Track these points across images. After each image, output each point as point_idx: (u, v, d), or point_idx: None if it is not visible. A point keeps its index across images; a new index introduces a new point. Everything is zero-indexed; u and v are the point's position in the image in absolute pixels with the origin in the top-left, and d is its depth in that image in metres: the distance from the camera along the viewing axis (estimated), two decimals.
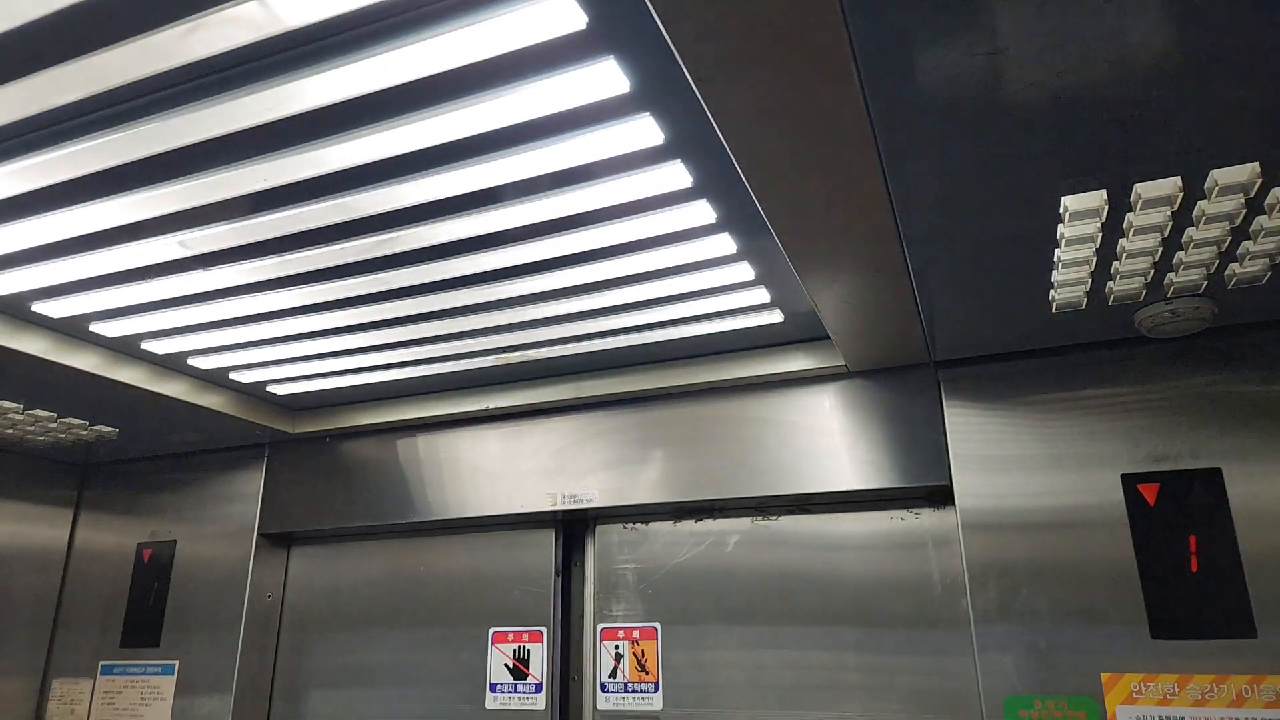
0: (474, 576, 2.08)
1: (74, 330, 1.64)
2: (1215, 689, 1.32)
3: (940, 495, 1.73)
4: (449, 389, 2.04)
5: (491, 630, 2.01)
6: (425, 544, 2.16)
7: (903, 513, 1.76)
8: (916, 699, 1.65)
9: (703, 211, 1.21)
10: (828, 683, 1.72)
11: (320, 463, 2.23)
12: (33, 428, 2.10)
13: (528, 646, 1.96)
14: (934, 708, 1.63)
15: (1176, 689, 1.34)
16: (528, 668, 1.95)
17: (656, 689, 1.85)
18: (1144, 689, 1.35)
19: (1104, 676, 1.38)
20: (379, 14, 0.86)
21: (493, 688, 1.97)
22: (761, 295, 1.50)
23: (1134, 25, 0.76)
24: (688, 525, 1.93)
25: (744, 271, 1.40)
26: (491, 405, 2.00)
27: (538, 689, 1.92)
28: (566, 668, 1.96)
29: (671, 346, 1.75)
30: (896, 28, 0.77)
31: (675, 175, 1.12)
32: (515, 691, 1.94)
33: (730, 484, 1.78)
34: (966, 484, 1.56)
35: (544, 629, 1.96)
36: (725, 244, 1.31)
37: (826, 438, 1.73)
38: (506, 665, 1.97)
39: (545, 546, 2.02)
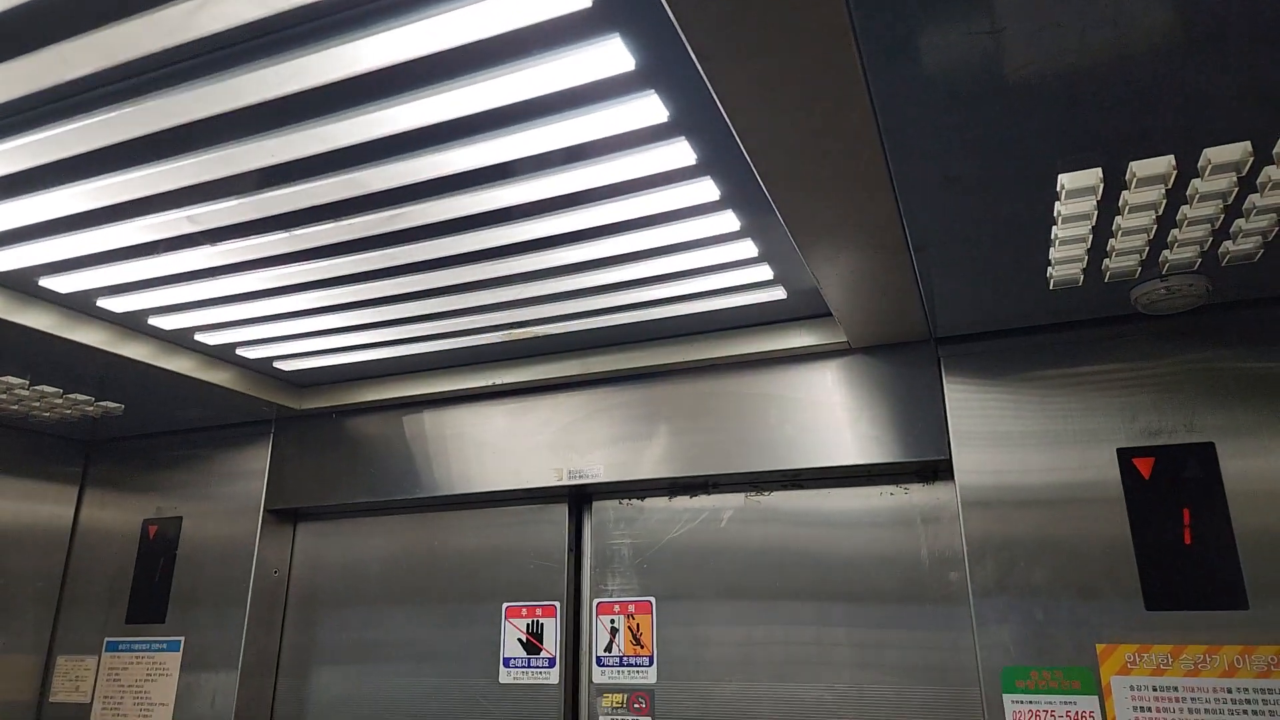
0: (487, 552, 2.09)
1: (81, 305, 1.65)
2: (1208, 659, 1.34)
3: (930, 471, 1.75)
4: (455, 365, 2.05)
5: (505, 605, 2.02)
6: (436, 519, 2.17)
7: (893, 488, 1.78)
8: (905, 672, 1.67)
9: (707, 189, 1.22)
10: (818, 657, 1.74)
11: (327, 439, 2.24)
12: (38, 404, 2.12)
13: (541, 621, 1.97)
14: (922, 680, 1.65)
15: (1170, 659, 1.36)
16: (541, 642, 1.96)
17: (651, 662, 1.87)
18: (1138, 659, 1.37)
19: (1099, 647, 1.40)
20: None
21: (506, 662, 1.98)
22: (765, 272, 1.51)
23: (1129, 6, 0.77)
24: (683, 501, 1.95)
25: (747, 249, 1.42)
26: (497, 381, 2.01)
27: (551, 663, 1.94)
28: (576, 642, 1.99)
29: (676, 323, 1.77)
30: (897, 7, 0.78)
31: (679, 153, 1.13)
32: (529, 666, 1.95)
33: (733, 459, 1.80)
34: (966, 460, 1.57)
35: (557, 604, 1.97)
36: (729, 221, 1.32)
37: (828, 413, 1.74)
38: (520, 640, 1.98)
39: (559, 521, 2.03)
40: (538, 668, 1.94)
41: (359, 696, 2.11)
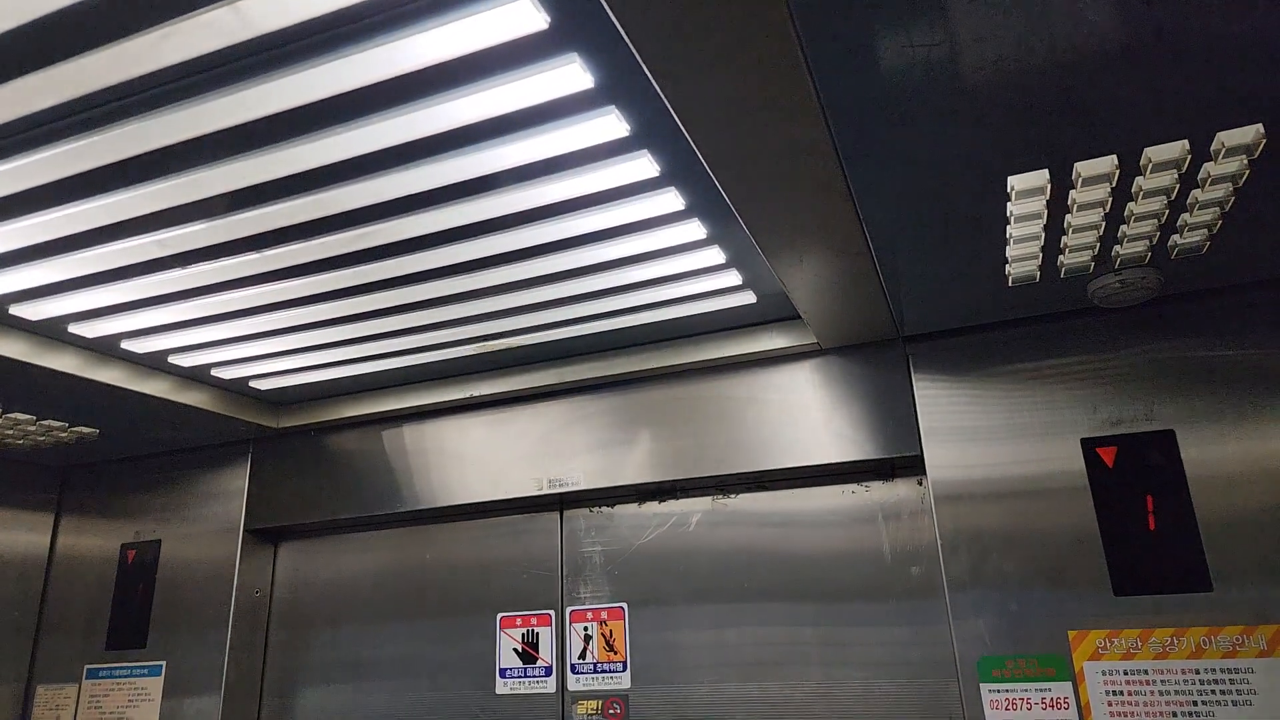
0: (480, 563, 2.08)
1: (52, 332, 1.64)
2: (1175, 641, 1.38)
3: (889, 468, 1.77)
4: (432, 378, 2.06)
5: (500, 616, 2.02)
6: (423, 532, 2.16)
7: (854, 486, 1.80)
8: (874, 666, 1.69)
9: (671, 199, 1.25)
10: (788, 656, 1.75)
11: (306, 457, 2.24)
12: (11, 431, 2.10)
13: (537, 630, 1.96)
14: (890, 674, 1.68)
15: (1139, 643, 1.39)
16: (537, 651, 1.95)
17: (625, 668, 1.87)
18: (1109, 645, 1.41)
19: (1071, 634, 1.43)
20: (348, 18, 0.89)
21: (503, 673, 1.97)
22: (733, 278, 1.53)
23: (1062, 19, 0.81)
24: (652, 507, 1.96)
25: (715, 255, 1.44)
26: (475, 393, 2.01)
27: (548, 672, 1.92)
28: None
29: (650, 330, 1.79)
30: (840, 27, 0.80)
31: (642, 166, 1.15)
32: (525, 676, 1.94)
33: (710, 462, 1.81)
34: (936, 455, 1.60)
35: (552, 612, 1.97)
36: (695, 229, 1.34)
37: (802, 413, 1.77)
38: (516, 650, 1.97)
39: (551, 530, 2.03)
40: (535, 677, 1.93)
41: (348, 715, 2.10)
